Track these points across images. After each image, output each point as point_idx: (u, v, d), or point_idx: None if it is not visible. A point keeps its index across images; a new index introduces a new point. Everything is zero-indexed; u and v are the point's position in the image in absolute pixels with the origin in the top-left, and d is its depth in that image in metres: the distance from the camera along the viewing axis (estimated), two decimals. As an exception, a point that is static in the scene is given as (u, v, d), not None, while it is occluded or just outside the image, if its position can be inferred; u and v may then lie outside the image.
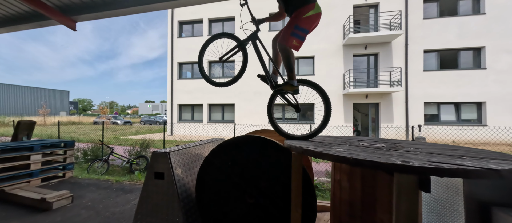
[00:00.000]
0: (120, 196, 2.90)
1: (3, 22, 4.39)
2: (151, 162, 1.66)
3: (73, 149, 3.91)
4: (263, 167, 1.50)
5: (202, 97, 12.19)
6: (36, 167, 3.30)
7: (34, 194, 2.62)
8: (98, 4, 3.68)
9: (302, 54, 11.61)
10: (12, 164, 3.04)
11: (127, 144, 8.29)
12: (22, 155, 3.16)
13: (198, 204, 1.66)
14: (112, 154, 4.82)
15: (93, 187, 3.27)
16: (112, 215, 2.33)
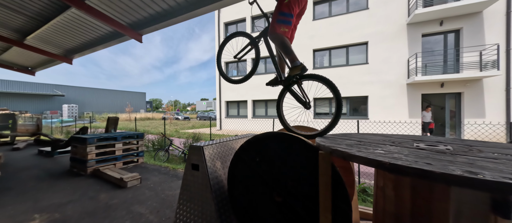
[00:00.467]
0: (174, 181, 3.36)
1: (98, 41, 5.75)
2: (189, 154, 1.83)
3: (143, 139, 4.80)
4: (290, 165, 1.42)
5: (246, 94, 12.69)
6: (119, 153, 4.23)
7: (117, 174, 3.36)
8: (156, 17, 4.30)
9: (352, 41, 10.34)
10: (105, 150, 4.00)
11: (184, 137, 9.57)
12: (110, 143, 4.11)
13: (229, 197, 1.73)
14: (171, 145, 5.66)
15: (156, 172, 3.92)
16: (166, 197, 2.74)
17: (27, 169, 4.12)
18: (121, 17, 4.30)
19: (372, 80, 9.99)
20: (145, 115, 32.72)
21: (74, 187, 3.08)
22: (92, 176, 3.62)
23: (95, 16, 3.91)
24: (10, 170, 4.03)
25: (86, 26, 4.99)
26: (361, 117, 10.22)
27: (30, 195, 2.80)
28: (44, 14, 4.59)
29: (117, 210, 2.35)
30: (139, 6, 4.00)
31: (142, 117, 28.83)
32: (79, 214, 2.25)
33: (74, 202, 2.56)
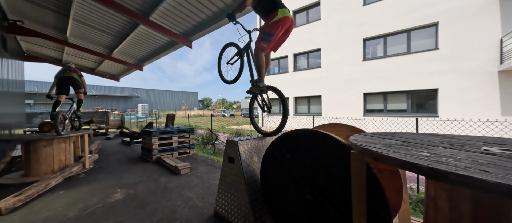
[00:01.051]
0: (217, 172, 3.70)
1: (159, 50, 6.80)
2: (226, 148, 2.00)
3: (194, 134, 5.44)
4: (321, 163, 1.36)
5: (287, 91, 12.50)
6: (175, 144, 4.95)
7: (173, 163, 3.96)
8: (202, 24, 4.76)
9: (414, 23, 8.67)
10: (164, 142, 4.76)
11: (228, 132, 10.29)
12: (168, 136, 4.85)
13: (262, 191, 1.80)
14: (217, 140, 6.20)
15: (204, 163, 4.40)
16: (210, 185, 3.05)
17: (114, 154, 5.34)
18: (175, 27, 4.96)
19: (443, 69, 8.14)
20: (197, 112, 36.75)
21: (143, 170, 3.81)
22: (156, 163, 4.38)
23: (156, 29, 4.65)
24: (104, 154, 5.32)
25: (150, 39, 6.01)
26: (428, 114, 8.50)
27: (115, 174, 3.64)
28: (123, 32, 5.77)
29: (172, 192, 2.78)
30: (188, 16, 4.51)
31: (195, 114, 32.49)
32: (146, 192, 2.79)
33: (143, 182, 3.18)
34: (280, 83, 12.94)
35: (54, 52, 8.44)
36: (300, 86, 11.92)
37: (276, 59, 13.47)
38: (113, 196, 2.69)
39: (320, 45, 11.20)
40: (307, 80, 11.59)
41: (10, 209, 2.27)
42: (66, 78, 3.86)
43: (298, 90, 12.03)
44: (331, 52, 10.85)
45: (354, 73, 10.11)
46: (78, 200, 2.55)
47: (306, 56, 12.01)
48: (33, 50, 8.52)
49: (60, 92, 3.73)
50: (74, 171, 3.56)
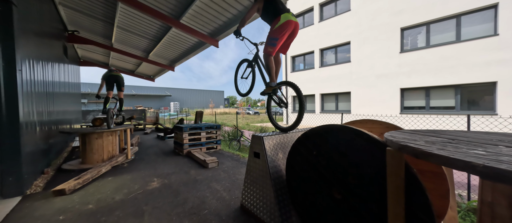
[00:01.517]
0: (243, 167, 3.80)
1: (189, 51, 7.21)
2: (251, 143, 2.03)
3: (220, 130, 5.66)
4: (352, 161, 1.29)
5: (313, 88, 12.06)
6: (203, 140, 5.23)
7: (201, 156, 4.19)
8: (228, 23, 4.88)
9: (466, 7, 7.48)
10: (194, 137, 5.07)
11: (253, 130, 10.43)
12: (197, 132, 5.15)
13: (288, 187, 1.79)
14: (242, 136, 6.34)
15: (230, 158, 4.55)
16: (236, 179, 3.15)
17: (151, 147, 5.89)
18: (203, 28, 5.19)
19: (504, 58, 6.86)
20: (223, 110, 38.06)
21: (176, 163, 4.13)
22: (186, 156, 4.69)
23: (186, 31, 4.94)
24: (143, 147, 5.91)
25: (180, 40, 6.41)
26: (483, 112, 7.30)
27: (152, 165, 4.01)
28: (157, 36, 6.28)
29: (201, 184, 2.95)
30: (215, 16, 4.67)
31: (221, 112, 33.71)
32: (178, 183, 3.02)
33: (175, 174, 3.45)
34: (305, 80, 12.56)
35: (102, 57, 9.64)
36: (327, 82, 11.39)
37: (301, 55, 13.09)
38: (151, 184, 2.98)
39: (350, 38, 10.49)
40: (334, 76, 11.01)
41: (72, 190, 2.69)
42: (113, 77, 4.41)
43: (325, 86, 11.51)
44: (362, 45, 10.08)
45: (389, 67, 9.22)
46: (122, 186, 2.90)
47: (334, 50, 11.38)
48: (86, 56, 9.86)
49: (109, 89, 4.29)
50: (119, 161, 4.05)
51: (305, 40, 12.49)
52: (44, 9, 4.02)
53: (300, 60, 13.35)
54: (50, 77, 4.31)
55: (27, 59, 2.98)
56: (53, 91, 4.52)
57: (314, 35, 12.03)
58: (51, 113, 4.26)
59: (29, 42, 3.12)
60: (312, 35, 12.13)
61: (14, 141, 2.52)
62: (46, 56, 4.08)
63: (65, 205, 2.34)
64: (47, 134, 3.90)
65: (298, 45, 12.91)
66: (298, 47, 12.98)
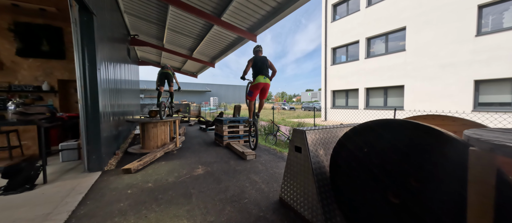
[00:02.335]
0: (280, 162, 3.78)
1: (228, 47, 7.51)
2: (292, 137, 1.98)
3: (258, 124, 5.76)
4: (414, 161, 1.11)
5: (357, 81, 10.96)
6: (241, 133, 5.42)
7: (240, 149, 4.36)
8: (266, 17, 4.85)
9: None
10: (232, 129, 5.31)
11: (289, 125, 10.24)
12: (236, 124, 5.37)
13: (331, 184, 1.69)
14: (278, 131, 6.31)
15: (266, 152, 4.60)
16: (274, 173, 3.16)
17: (195, 137, 6.45)
18: (242, 23, 5.30)
19: None
20: (258, 105, 38.70)
21: (217, 153, 4.42)
22: (226, 148, 4.96)
23: (226, 28, 5.14)
24: (188, 137, 6.53)
25: (221, 37, 6.72)
26: None
27: (196, 153, 4.40)
28: (201, 34, 6.74)
29: (241, 174, 3.08)
30: (254, 10, 4.69)
31: (257, 107, 34.34)
32: (220, 171, 3.23)
33: (217, 163, 3.69)
34: (347, 73, 11.52)
35: (155, 57, 10.98)
36: (374, 75, 10.17)
37: (343, 46, 12.00)
38: (196, 170, 3.27)
39: (406, 22, 9.03)
40: (384, 68, 9.73)
41: (136, 170, 3.18)
42: (163, 74, 4.96)
43: (372, 80, 10.30)
44: (422, 30, 8.55)
45: (460, 55, 7.57)
46: (173, 170, 3.27)
47: (384, 38, 10.02)
48: (144, 57, 11.39)
49: (160, 84, 4.86)
50: (170, 148, 4.58)
51: (348, 29, 11.39)
52: (113, 17, 4.79)
53: (342, 51, 12.26)
54: (118, 76, 5.15)
55: (103, 60, 3.62)
56: (120, 88, 5.40)
57: (359, 23, 10.83)
58: (119, 106, 5.12)
59: (104, 46, 3.78)
60: (357, 23, 10.96)
61: (96, 128, 3.12)
62: (115, 58, 4.88)
63: (131, 181, 2.79)
64: (117, 122, 4.71)
65: (340, 35, 11.87)
66: (339, 38, 11.95)
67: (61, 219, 1.86)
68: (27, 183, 2.49)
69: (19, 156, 3.80)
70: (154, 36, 7.48)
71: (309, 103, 36.53)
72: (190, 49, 8.34)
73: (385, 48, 9.88)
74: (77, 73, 3.02)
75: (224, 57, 8.45)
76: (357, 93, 11.01)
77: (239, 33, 5.43)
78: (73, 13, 2.88)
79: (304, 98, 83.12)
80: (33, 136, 4.09)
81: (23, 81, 4.72)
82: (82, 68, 3.01)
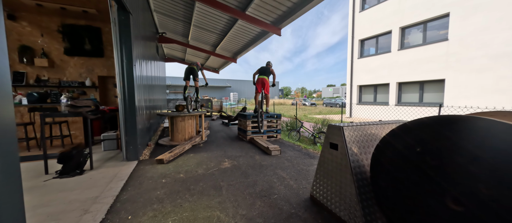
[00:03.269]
0: (306, 158, 3.68)
1: (251, 42, 7.47)
2: (327, 133, 1.88)
3: (280, 120, 5.69)
4: (486, 164, 0.96)
5: (388, 75, 10.12)
6: (264, 128, 5.40)
7: (264, 144, 4.34)
8: (292, 9, 4.68)
9: None
10: (256, 125, 5.31)
11: (312, 121, 9.94)
12: (257, 119, 5.35)
13: (372, 185, 1.57)
14: (302, 127, 6.15)
15: (291, 148, 4.52)
16: (301, 170, 3.09)
17: (218, 132, 6.62)
18: (266, 17, 5.20)
19: None
20: (278, 100, 38.32)
21: (241, 147, 4.46)
22: (249, 142, 4.99)
23: (250, 22, 5.09)
24: (212, 131, 6.72)
25: (244, 32, 6.69)
26: None
27: (221, 147, 4.50)
28: (224, 30, 6.79)
29: (267, 170, 3.06)
30: (279, 3, 4.55)
31: (276, 102, 34.05)
32: (246, 166, 3.25)
33: (242, 157, 3.73)
34: (376, 66, 10.68)
35: (180, 54, 11.43)
36: (408, 68, 9.27)
37: (372, 37, 11.13)
38: (223, 164, 3.34)
39: (450, 8, 8.00)
40: (421, 60, 8.80)
41: (168, 161, 3.36)
42: (188, 69, 5.13)
43: (405, 74, 9.40)
44: (470, 16, 7.50)
45: (517, 43, 6.50)
46: (202, 162, 3.38)
47: (422, 27, 9.01)
48: (170, 54, 11.94)
49: (186, 79, 5.05)
50: (197, 141, 4.75)
51: (379, 19, 10.49)
52: (145, 16, 5.05)
53: (371, 43, 11.37)
54: (149, 72, 5.47)
55: (137, 58, 3.85)
56: (151, 83, 5.73)
57: (393, 11, 9.90)
58: (150, 100, 5.44)
59: (138, 44, 4.01)
60: (389, 11, 10.04)
61: (133, 120, 3.35)
62: (147, 55, 5.17)
63: (164, 171, 2.95)
64: (149, 116, 5.02)
65: (369, 26, 11.00)
66: (368, 28, 11.08)
67: (108, 203, 2.03)
68: (78, 168, 2.78)
69: (69, 144, 4.28)
70: (180, 33, 7.76)
71: (331, 99, 35.09)
72: (214, 45, 8.49)
73: (423, 38, 8.89)
74: (116, 70, 3.25)
75: (246, 52, 8.45)
76: (388, 88, 10.16)
77: (263, 27, 5.34)
78: (112, 13, 3.09)
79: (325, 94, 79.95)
80: (79, 126, 4.57)
81: (70, 77, 5.26)
82: (121, 64, 3.23)
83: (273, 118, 5.55)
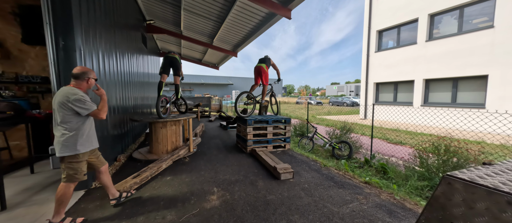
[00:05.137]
0: (332, 188, 2.52)
1: (254, 30, 6.28)
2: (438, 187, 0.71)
3: (290, 125, 4.52)
4: None
5: (413, 71, 8.75)
6: (270, 136, 4.24)
7: (270, 160, 3.19)
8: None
9: None
10: (259, 132, 4.15)
11: (324, 124, 8.72)
12: (263, 126, 4.20)
13: None
14: (316, 133, 4.97)
15: (305, 165, 3.36)
16: (330, 212, 1.94)
17: (213, 138, 5.49)
18: (274, -10, 3.99)
19: None
20: (282, 99, 37.03)
21: (239, 164, 3.32)
22: (250, 155, 3.84)
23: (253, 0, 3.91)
24: (206, 137, 5.60)
25: (245, 17, 5.48)
26: None
27: (213, 164, 3.37)
28: (221, 15, 5.60)
29: (276, 213, 1.93)
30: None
31: (280, 101, 32.80)
32: (244, 203, 2.12)
33: (240, 183, 2.59)
34: (398, 61, 9.31)
35: (175, 47, 10.30)
36: (438, 62, 7.87)
37: (393, 27, 9.72)
38: (210, 198, 2.21)
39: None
40: (455, 53, 7.41)
41: (126, 194, 2.24)
42: (168, 59, 3.90)
43: (435, 69, 8.00)
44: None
45: None
46: (178, 196, 2.26)
47: (457, 13, 7.60)
48: (164, 47, 10.84)
49: (163, 72, 3.84)
50: (181, 154, 3.63)
51: (402, 5, 9.06)
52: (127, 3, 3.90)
53: (391, 35, 9.91)
54: (126, 67, 4.35)
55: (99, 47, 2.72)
56: (131, 80, 4.61)
57: (416, -4, 8.52)
58: (127, 100, 4.33)
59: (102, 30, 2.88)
60: None
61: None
62: (123, 47, 4.05)
63: (111, 216, 1.83)
64: (121, 120, 3.91)
65: (390, 14, 9.58)
66: (389, 17, 9.66)
67: None
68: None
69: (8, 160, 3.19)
70: (170, 21, 6.62)
71: (337, 98, 33.62)
72: (210, 35, 7.33)
73: (458, 27, 7.46)
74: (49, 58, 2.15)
75: (247, 44, 7.26)
76: (412, 86, 8.78)
77: (270, 8, 4.15)
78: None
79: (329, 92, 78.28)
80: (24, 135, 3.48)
81: (31, 71, 4.18)
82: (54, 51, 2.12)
83: (281, 123, 4.39)
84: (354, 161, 3.96)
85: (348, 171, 3.16)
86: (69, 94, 1.61)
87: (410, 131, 6.53)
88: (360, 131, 6.78)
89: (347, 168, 3.28)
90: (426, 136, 5.68)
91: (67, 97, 1.60)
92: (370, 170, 3.50)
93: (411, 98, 8.95)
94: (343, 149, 4.34)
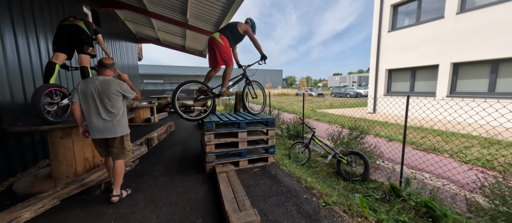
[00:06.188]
0: None
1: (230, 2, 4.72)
2: None
3: (274, 127, 3.08)
4: None
5: (437, 53, 7.08)
6: (243, 146, 2.83)
7: (229, 196, 1.79)
8: None
9: None
10: (226, 140, 2.73)
11: (326, 120, 7.24)
12: (232, 131, 2.77)
13: None
14: (313, 138, 3.51)
15: (292, 202, 1.96)
16: None
17: (176, 143, 4.11)
18: None
19: None
20: (281, 90, 35.39)
21: (183, 197, 1.95)
22: (209, 179, 2.45)
23: None
24: (167, 141, 4.21)
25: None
26: None
27: (139, 198, 1.99)
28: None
29: None
30: None
31: (279, 93, 31.10)
32: None
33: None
34: (418, 41, 7.57)
35: (151, 31, 8.75)
36: (472, 41, 6.16)
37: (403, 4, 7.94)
38: None
39: None
40: (496, 27, 5.69)
41: None
42: (66, 28, 2.33)
43: (467, 49, 6.28)
44: None
45: None
46: None
47: None
48: (140, 32, 9.31)
49: (57, 49, 2.32)
50: (93, 180, 2.22)
51: None
52: None
53: (409, 9, 8.07)
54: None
55: None
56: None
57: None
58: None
59: None
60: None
61: None
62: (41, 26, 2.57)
63: None
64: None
65: None
66: None
67: None
68: None
69: None
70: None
71: (340, 89, 31.80)
72: (181, 10, 5.79)
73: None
74: None
75: (229, 18, 5.70)
76: (435, 72, 7.09)
77: None
78: None
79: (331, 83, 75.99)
80: None
81: None
82: None
83: (261, 126, 2.96)
84: (372, 187, 2.54)
85: (368, 216, 1.75)
86: (118, 83, 1.87)
87: (438, 130, 5.04)
88: (372, 129, 5.30)
89: (366, 210, 1.85)
90: (467, 137, 4.20)
91: (119, 86, 1.87)
92: (404, 208, 2.08)
93: (433, 88, 7.34)
94: (354, 164, 2.89)
